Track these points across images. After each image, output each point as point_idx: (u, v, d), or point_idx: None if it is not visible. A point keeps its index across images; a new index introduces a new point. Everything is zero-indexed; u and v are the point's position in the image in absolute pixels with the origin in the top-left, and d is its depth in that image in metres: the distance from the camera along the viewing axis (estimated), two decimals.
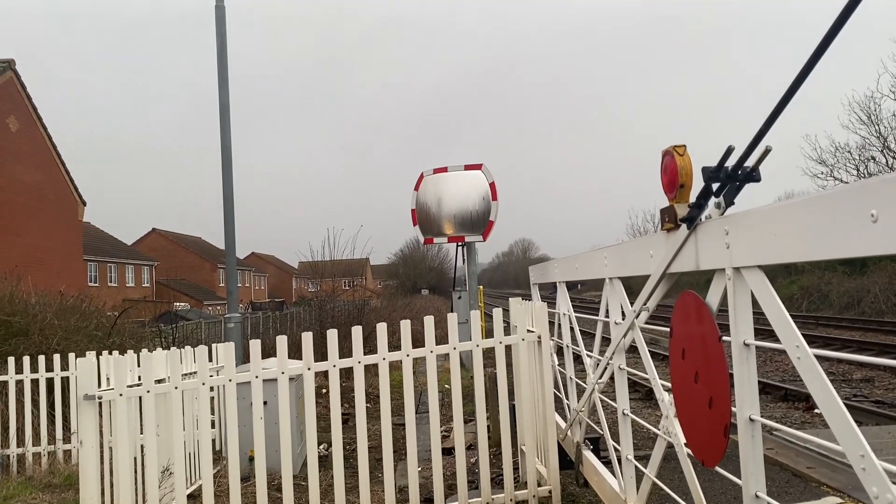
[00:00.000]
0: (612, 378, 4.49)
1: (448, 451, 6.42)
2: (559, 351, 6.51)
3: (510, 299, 6.91)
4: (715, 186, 2.43)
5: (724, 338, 2.42)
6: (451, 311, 6.32)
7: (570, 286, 7.36)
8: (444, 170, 9.52)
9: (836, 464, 6.41)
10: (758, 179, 2.33)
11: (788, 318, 2.02)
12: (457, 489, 5.81)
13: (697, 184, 2.60)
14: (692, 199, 2.62)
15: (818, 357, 1.95)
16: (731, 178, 2.35)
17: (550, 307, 6.38)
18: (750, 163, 2.30)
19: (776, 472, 6.35)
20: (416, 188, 9.48)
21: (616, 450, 4.15)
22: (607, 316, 4.14)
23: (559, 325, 6.14)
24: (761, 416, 2.34)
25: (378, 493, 6.04)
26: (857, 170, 32.67)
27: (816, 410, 10.51)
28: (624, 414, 3.94)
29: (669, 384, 2.97)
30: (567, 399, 5.98)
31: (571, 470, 6.46)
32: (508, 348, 6.26)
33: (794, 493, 5.67)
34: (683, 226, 2.66)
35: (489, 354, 6.38)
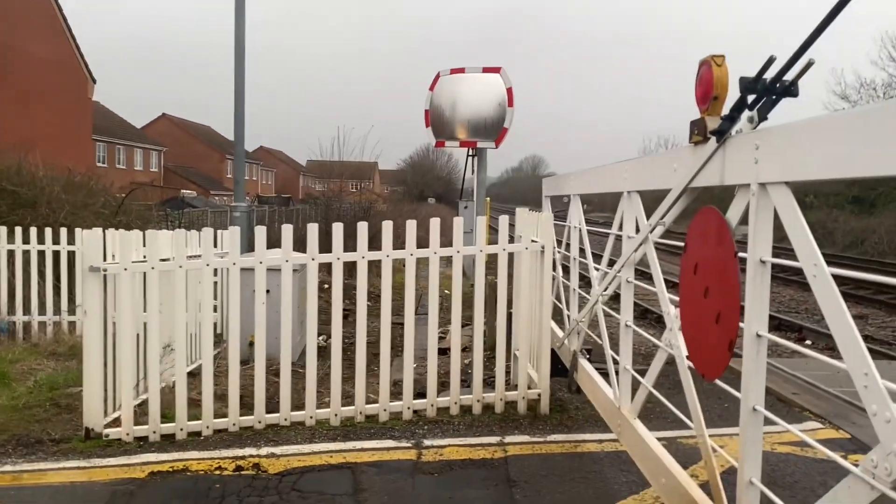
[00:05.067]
0: (613, 294, 4.53)
1: (443, 352, 6.56)
2: (565, 263, 6.53)
3: (517, 209, 6.88)
4: (750, 99, 2.36)
5: (740, 254, 2.40)
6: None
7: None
8: (462, 71, 9.27)
9: (820, 392, 6.56)
10: (795, 94, 2.25)
11: (810, 235, 2.00)
12: (450, 386, 5.97)
13: (731, 98, 2.54)
14: (724, 112, 2.55)
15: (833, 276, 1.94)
16: (768, 91, 2.27)
17: (561, 223, 6.37)
18: (790, 77, 2.23)
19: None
20: (432, 88, 9.26)
21: (615, 360, 4.24)
22: (620, 231, 4.13)
23: (568, 237, 6.15)
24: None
25: (373, 384, 6.21)
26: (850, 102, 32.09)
27: (808, 342, 10.68)
28: (626, 326, 3.99)
29: (676, 298, 3.00)
30: (567, 310, 6.06)
31: (563, 377, 6.62)
32: (511, 257, 6.29)
33: (780, 413, 5.82)
34: (713, 139, 2.59)
35: (491, 264, 6.41)
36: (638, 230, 3.73)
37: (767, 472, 4.43)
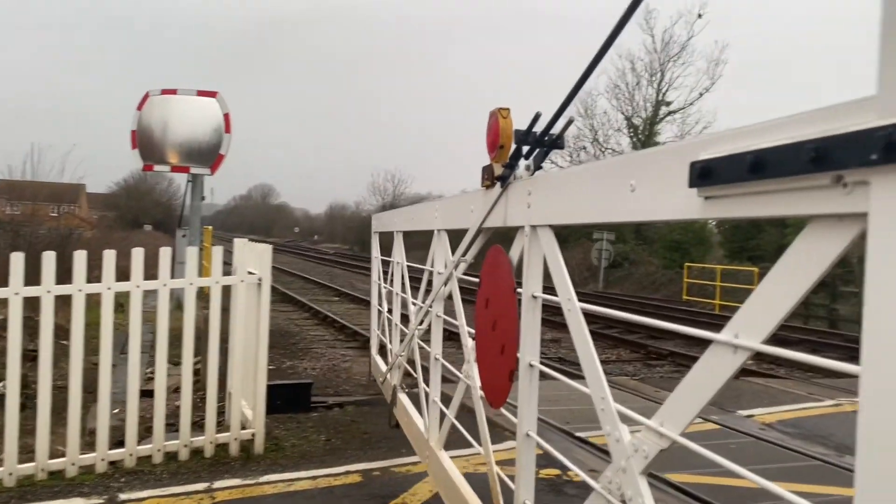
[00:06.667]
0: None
1: (151, 394, 6.03)
2: (389, 298, 6.65)
3: (235, 240, 6.63)
4: (525, 149, 2.57)
5: (518, 290, 2.57)
6: (173, 248, 5.89)
7: (308, 236, 7.28)
8: (174, 92, 8.72)
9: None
10: (562, 147, 2.51)
11: (566, 274, 2.22)
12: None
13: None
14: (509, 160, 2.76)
15: (583, 311, 2.16)
16: (538, 143, 2.50)
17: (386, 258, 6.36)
18: (556, 131, 2.46)
19: (473, 417, 6.93)
20: (140, 108, 8.57)
21: (427, 392, 4.30)
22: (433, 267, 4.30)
23: (392, 272, 6.22)
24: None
25: (63, 435, 5.50)
26: (570, 157, 36.78)
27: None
28: (436, 359, 4.11)
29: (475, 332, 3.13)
30: (390, 344, 6.08)
31: (283, 413, 6.49)
32: (228, 290, 6.01)
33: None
34: (498, 184, 2.79)
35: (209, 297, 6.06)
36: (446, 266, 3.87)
37: (478, 492, 4.71)
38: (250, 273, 5.99)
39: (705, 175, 1.34)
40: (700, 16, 34.47)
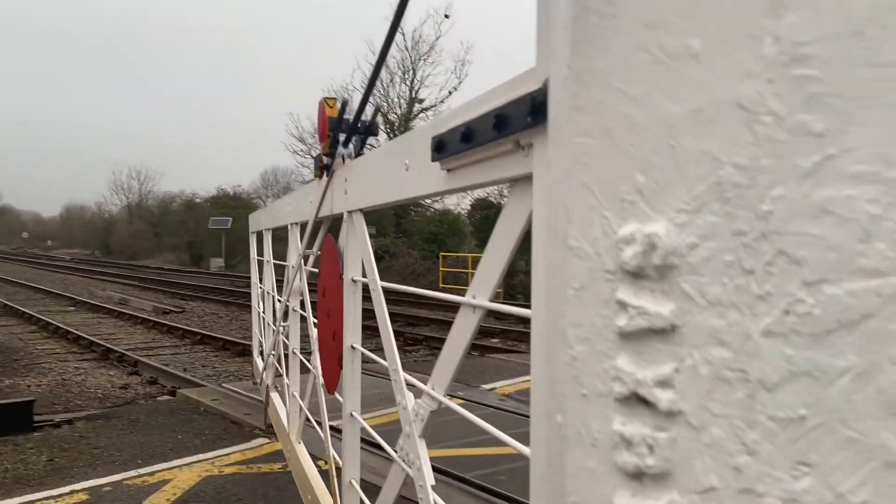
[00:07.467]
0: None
1: None
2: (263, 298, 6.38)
3: None
4: (342, 138, 2.61)
5: (344, 276, 2.61)
6: None
7: (40, 242, 6.80)
8: None
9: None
10: (376, 133, 2.59)
11: (372, 257, 2.31)
12: None
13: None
14: None
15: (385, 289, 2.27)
16: (352, 130, 2.55)
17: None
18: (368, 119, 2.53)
19: (218, 420, 6.97)
20: None
21: (288, 386, 4.33)
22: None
23: (263, 272, 6.13)
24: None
25: None
26: None
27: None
28: (293, 353, 4.15)
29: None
30: (265, 344, 5.96)
31: (14, 435, 6.29)
32: None
33: (233, 435, 6.37)
34: (325, 173, 2.80)
35: None
36: None
37: (213, 495, 4.58)
38: None
39: (440, 148, 1.43)
40: (447, 16, 35.21)
